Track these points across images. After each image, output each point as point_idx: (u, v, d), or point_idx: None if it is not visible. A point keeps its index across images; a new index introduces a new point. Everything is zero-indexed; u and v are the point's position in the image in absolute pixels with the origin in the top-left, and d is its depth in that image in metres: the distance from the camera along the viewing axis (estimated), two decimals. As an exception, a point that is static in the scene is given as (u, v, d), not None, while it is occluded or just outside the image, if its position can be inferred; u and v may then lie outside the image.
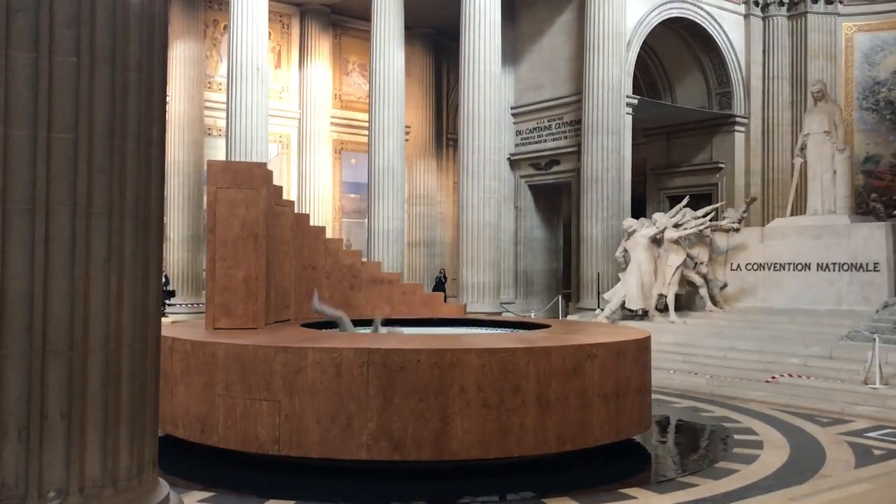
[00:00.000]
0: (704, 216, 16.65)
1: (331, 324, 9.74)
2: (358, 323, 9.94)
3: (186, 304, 21.34)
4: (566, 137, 20.97)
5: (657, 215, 17.00)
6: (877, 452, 7.99)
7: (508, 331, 10.02)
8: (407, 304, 11.06)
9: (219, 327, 8.52)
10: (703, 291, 16.41)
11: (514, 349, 6.87)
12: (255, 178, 8.71)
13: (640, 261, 16.07)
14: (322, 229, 11.24)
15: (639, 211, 21.67)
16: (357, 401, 6.56)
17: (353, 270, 10.97)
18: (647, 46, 21.57)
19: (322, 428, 6.60)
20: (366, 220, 21.63)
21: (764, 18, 22.69)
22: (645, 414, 7.98)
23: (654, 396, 10.13)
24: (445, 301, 13.65)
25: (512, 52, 21.91)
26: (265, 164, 9.85)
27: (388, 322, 9.92)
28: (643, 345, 8.07)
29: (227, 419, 6.90)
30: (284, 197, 10.58)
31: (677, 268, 15.94)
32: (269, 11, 20.52)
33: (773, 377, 11.81)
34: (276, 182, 9.95)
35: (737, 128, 22.59)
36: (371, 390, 6.57)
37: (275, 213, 9.42)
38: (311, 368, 6.67)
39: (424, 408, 6.55)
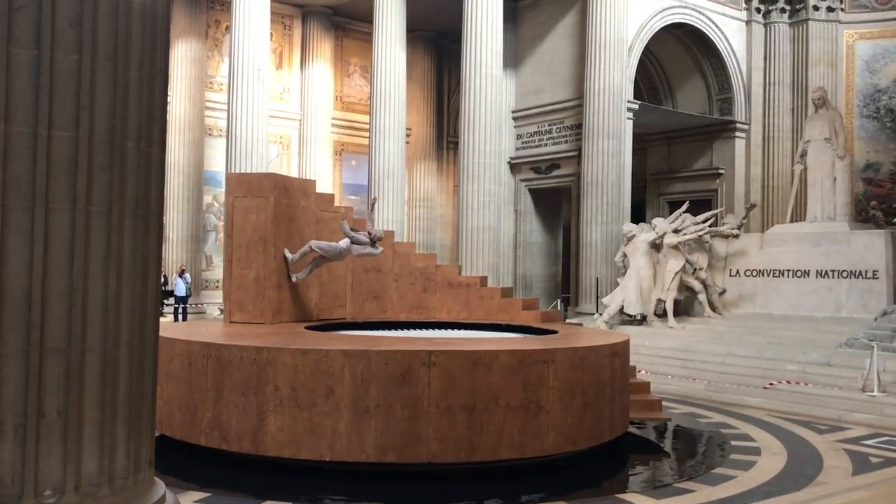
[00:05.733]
0: (704, 222, 16.66)
1: (336, 326, 9.87)
2: (369, 326, 10.20)
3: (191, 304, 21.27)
4: (567, 142, 20.98)
5: (657, 220, 17.00)
6: (874, 460, 7.98)
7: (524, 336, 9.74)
8: (484, 309, 10.93)
9: (234, 321, 9.47)
10: (702, 297, 16.40)
11: (328, 351, 6.79)
12: (264, 187, 9.56)
13: (639, 266, 16.07)
14: (389, 234, 11.58)
15: (638, 216, 21.67)
16: (201, 391, 7.07)
17: (427, 273, 11.10)
18: (648, 51, 21.58)
19: (181, 413, 7.18)
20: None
21: (765, 25, 22.71)
22: (533, 437, 6.89)
23: (651, 401, 10.15)
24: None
25: (513, 55, 21.92)
26: (275, 175, 10.41)
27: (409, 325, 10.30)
28: (537, 357, 6.98)
29: None
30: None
31: (676, 273, 15.94)
32: (272, 12, 20.53)
33: (772, 383, 11.80)
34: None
35: (737, 134, 22.60)
36: (209, 382, 7.02)
37: (319, 218, 10.16)
38: (177, 359, 7.26)
39: (245, 402, 6.84)
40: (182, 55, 22.12)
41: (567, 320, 19.09)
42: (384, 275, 10.90)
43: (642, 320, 16.12)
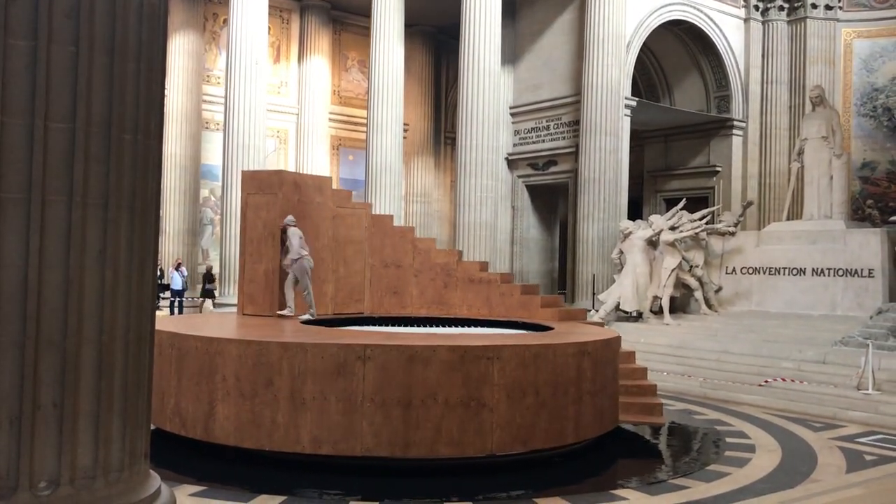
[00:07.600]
0: (701, 219, 16.67)
1: (337, 321, 9.94)
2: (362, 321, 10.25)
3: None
4: (564, 138, 20.97)
5: (653, 217, 17.01)
6: (868, 458, 8.01)
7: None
8: (505, 306, 10.91)
9: (246, 313, 9.81)
10: (698, 294, 16.42)
11: (268, 343, 6.89)
12: (273, 184, 9.88)
13: (635, 262, 16.08)
14: (410, 229, 11.59)
15: (635, 213, 21.67)
16: (166, 379, 7.31)
17: (448, 269, 11.11)
18: (646, 48, 21.57)
19: (153, 400, 7.29)
20: (362, 217, 21.58)
21: (764, 23, 22.70)
22: (475, 435, 6.71)
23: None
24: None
25: (511, 51, 21.89)
26: (285, 172, 10.83)
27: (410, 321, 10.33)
28: (479, 353, 6.77)
29: None
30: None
31: (673, 270, 15.95)
32: (269, 6, 20.48)
33: (767, 381, 11.83)
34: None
35: (735, 131, 22.61)
36: (172, 371, 7.28)
37: (336, 214, 10.40)
38: None
39: (199, 391, 7.04)
40: (179, 48, 22.06)
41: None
42: (404, 270, 10.96)
43: (638, 317, 16.14)
